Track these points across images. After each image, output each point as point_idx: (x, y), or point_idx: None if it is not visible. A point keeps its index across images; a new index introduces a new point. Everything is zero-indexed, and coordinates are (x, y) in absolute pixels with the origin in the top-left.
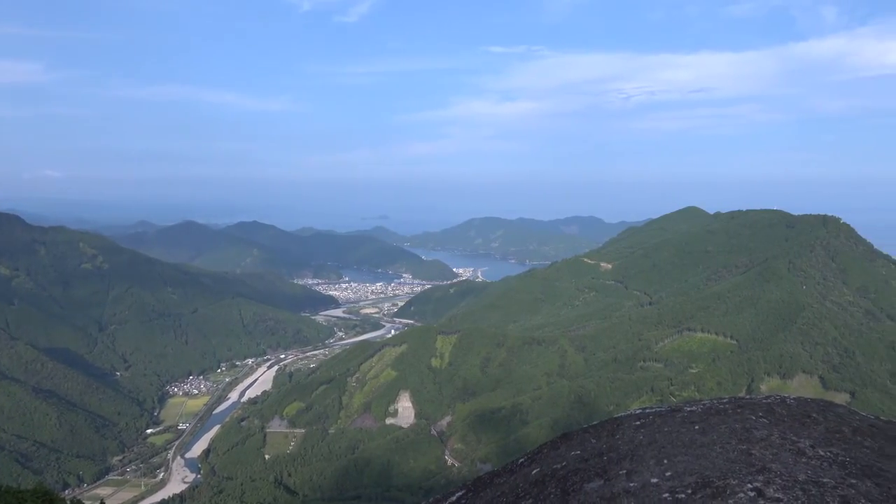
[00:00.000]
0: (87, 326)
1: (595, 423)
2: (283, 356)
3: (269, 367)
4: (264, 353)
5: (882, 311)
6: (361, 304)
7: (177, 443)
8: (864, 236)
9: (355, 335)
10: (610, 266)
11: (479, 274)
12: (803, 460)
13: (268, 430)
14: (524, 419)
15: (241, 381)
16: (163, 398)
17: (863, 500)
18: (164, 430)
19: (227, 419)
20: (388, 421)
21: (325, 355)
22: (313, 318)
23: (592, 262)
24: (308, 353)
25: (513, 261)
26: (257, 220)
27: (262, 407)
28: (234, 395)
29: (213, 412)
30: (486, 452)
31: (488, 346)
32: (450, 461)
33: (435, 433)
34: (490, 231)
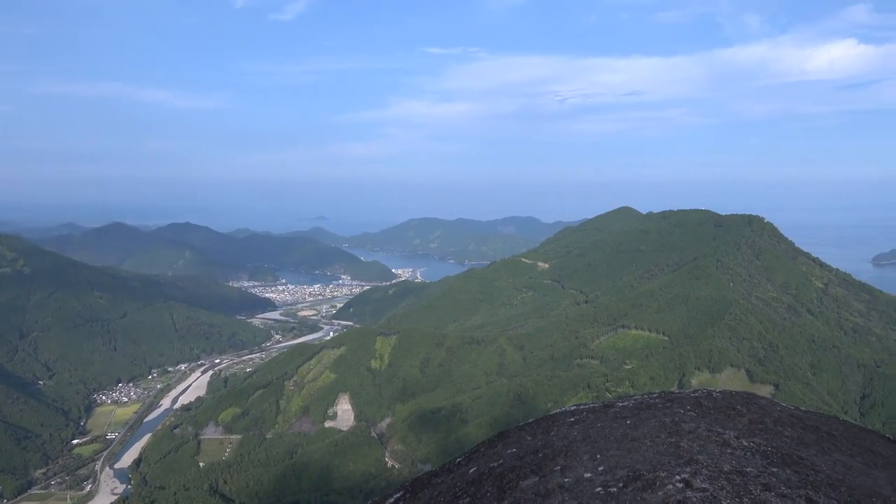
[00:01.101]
0: (6, 333)
1: (531, 420)
2: (217, 361)
3: (204, 373)
4: (198, 358)
5: (803, 307)
6: (299, 306)
7: (105, 453)
8: (786, 235)
9: (293, 338)
10: (547, 265)
11: (418, 274)
12: (728, 451)
13: (202, 437)
14: (464, 418)
15: (174, 388)
16: (90, 407)
17: (783, 487)
18: (92, 441)
19: (159, 427)
20: (328, 424)
21: (261, 359)
22: (249, 321)
23: (530, 261)
24: (244, 357)
25: (451, 261)
26: (190, 222)
27: (195, 413)
28: (166, 402)
29: (145, 420)
30: (427, 453)
31: (428, 347)
32: (390, 463)
33: (375, 435)
34: (428, 231)
